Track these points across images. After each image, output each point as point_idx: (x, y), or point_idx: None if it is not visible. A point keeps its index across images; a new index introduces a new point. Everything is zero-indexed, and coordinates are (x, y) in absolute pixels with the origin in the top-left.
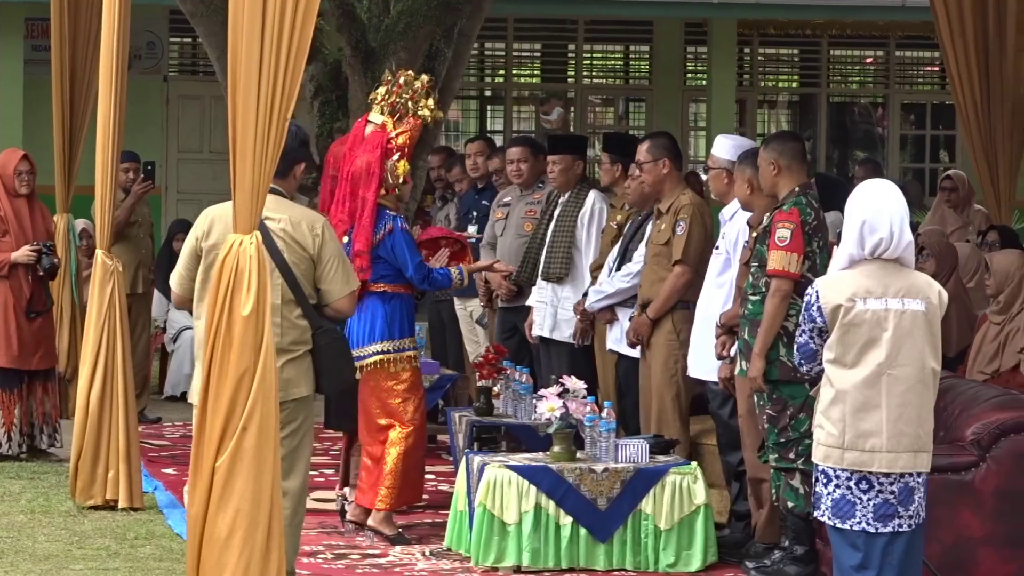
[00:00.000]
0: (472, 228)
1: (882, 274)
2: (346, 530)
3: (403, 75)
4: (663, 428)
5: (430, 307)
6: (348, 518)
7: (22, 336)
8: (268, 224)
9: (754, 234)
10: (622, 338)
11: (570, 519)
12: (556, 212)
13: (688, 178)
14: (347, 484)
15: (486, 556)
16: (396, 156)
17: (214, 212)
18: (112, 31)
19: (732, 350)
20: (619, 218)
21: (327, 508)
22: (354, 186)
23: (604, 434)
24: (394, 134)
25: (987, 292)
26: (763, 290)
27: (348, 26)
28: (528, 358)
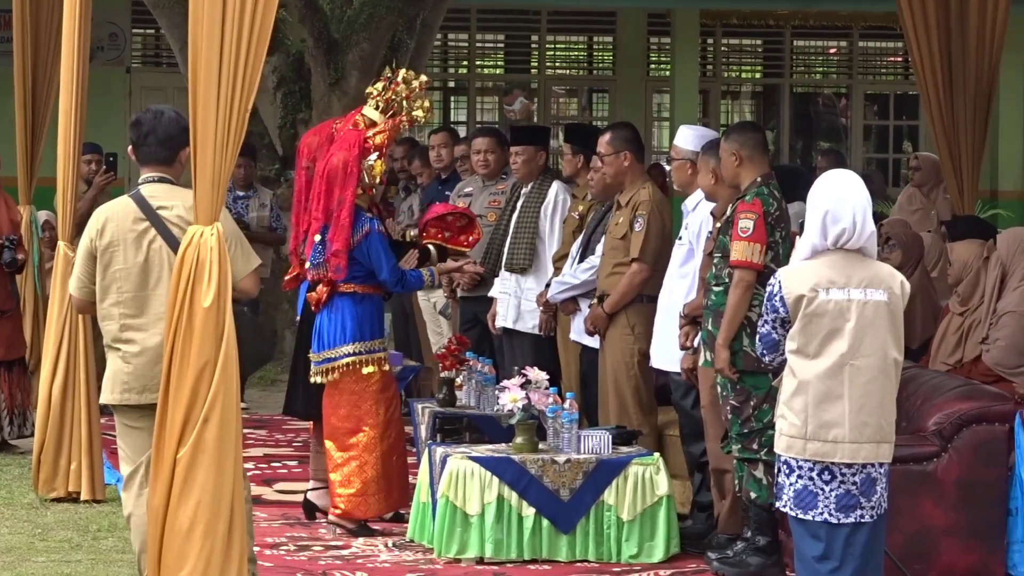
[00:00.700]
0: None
1: (845, 264)
2: (329, 530)
3: (402, 73)
4: (623, 419)
5: (393, 298)
6: (330, 518)
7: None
8: (161, 213)
9: (717, 224)
10: (584, 329)
11: (533, 510)
12: (519, 203)
13: (652, 170)
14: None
15: (449, 547)
16: (374, 156)
17: (107, 211)
18: (73, 22)
19: (695, 341)
20: (581, 208)
21: (290, 500)
22: (330, 184)
23: (567, 425)
24: (371, 133)
25: (948, 282)
26: (726, 281)
27: (310, 17)
28: (489, 349)
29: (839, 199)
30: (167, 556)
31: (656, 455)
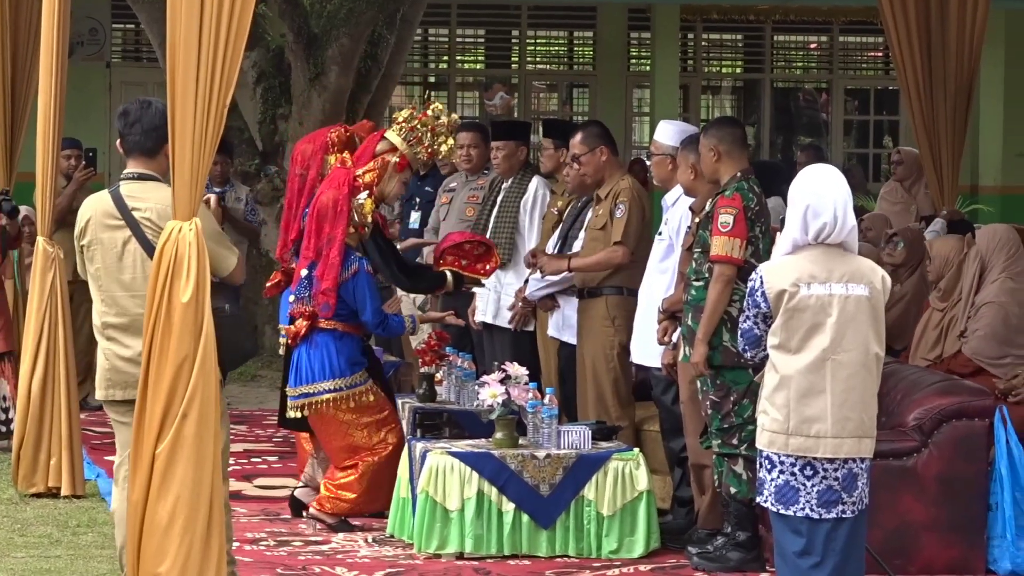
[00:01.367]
0: (415, 215)
1: (826, 259)
2: (309, 525)
3: (433, 106)
4: (604, 415)
5: None
6: (311, 511)
7: None
8: (135, 215)
9: (696, 219)
10: (563, 325)
11: (512, 505)
12: (499, 198)
13: (634, 165)
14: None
15: (429, 543)
16: (364, 194)
17: (89, 209)
18: (52, 17)
19: (674, 336)
20: (559, 204)
21: (270, 495)
22: (320, 223)
23: (546, 420)
24: (360, 172)
25: (928, 278)
26: (706, 276)
27: (291, 12)
28: (469, 344)
29: (820, 194)
30: (146, 551)
31: (636, 450)
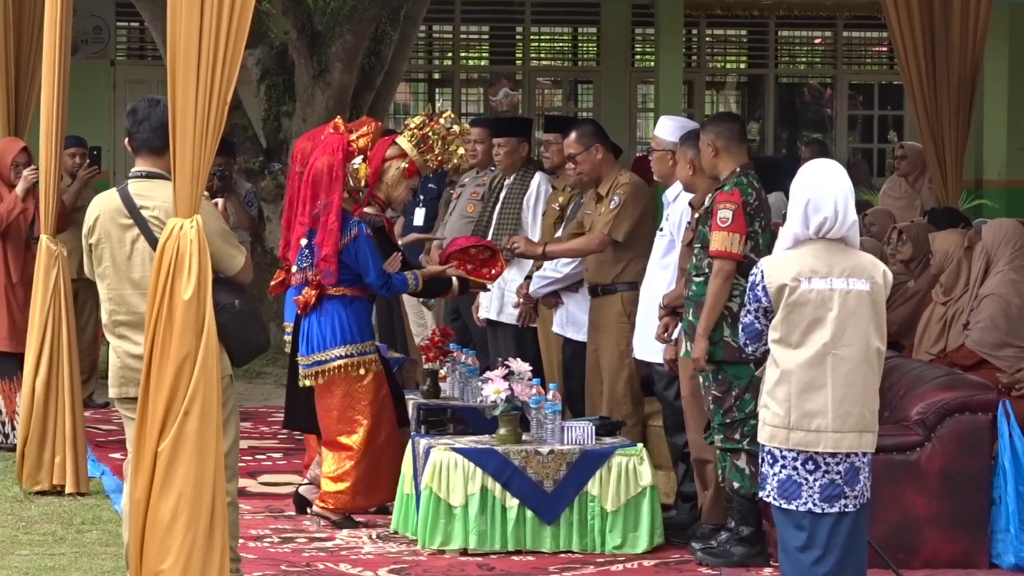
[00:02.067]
0: (419, 212)
1: (827, 254)
2: (313, 522)
3: (444, 115)
4: (615, 410)
5: None
6: (314, 509)
7: (12, 315)
8: (143, 213)
9: (696, 215)
10: (568, 322)
11: (516, 501)
12: (502, 194)
13: (640, 162)
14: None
15: (433, 539)
16: (359, 159)
17: (98, 207)
18: (55, 15)
19: (675, 332)
20: (561, 199)
21: (275, 492)
22: (315, 189)
23: (550, 416)
24: (354, 136)
25: (931, 271)
26: (706, 271)
27: (294, 9)
28: (470, 341)
29: (821, 188)
30: (149, 549)
31: (640, 446)
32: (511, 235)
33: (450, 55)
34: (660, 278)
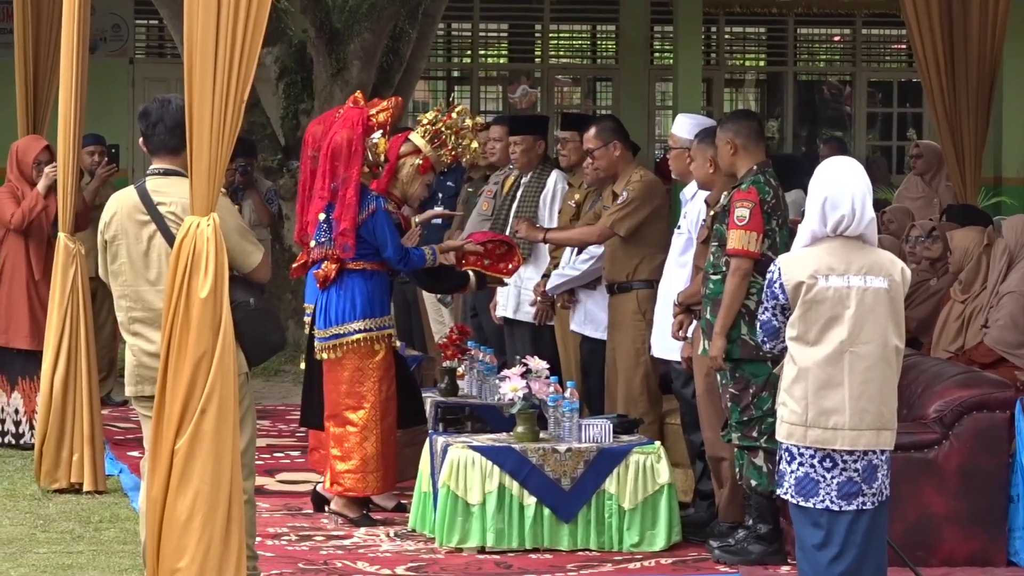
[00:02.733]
0: (438, 208)
1: (844, 251)
2: (331, 520)
3: (458, 109)
4: (632, 408)
5: (395, 287)
6: (331, 507)
7: (35, 312)
8: (160, 209)
9: (712, 213)
10: (586, 320)
11: (534, 499)
12: (519, 192)
13: (664, 163)
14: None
15: (450, 537)
16: (378, 133)
17: (115, 204)
18: (73, 13)
19: (690, 330)
20: (577, 197)
21: (293, 491)
22: (334, 163)
23: (567, 414)
24: (374, 111)
25: (949, 269)
26: (723, 269)
27: (312, 7)
28: (484, 339)
29: (838, 186)
30: (166, 547)
31: (657, 443)
32: None
33: (469, 53)
34: (678, 276)
